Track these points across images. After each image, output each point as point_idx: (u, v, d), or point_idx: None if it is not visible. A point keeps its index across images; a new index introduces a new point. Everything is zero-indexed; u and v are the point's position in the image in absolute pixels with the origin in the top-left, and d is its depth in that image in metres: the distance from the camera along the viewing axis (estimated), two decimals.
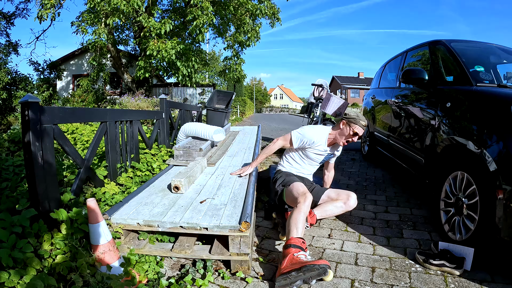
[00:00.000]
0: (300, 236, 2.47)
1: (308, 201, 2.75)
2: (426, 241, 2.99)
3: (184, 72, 13.90)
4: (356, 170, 5.90)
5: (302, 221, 2.59)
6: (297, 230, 2.50)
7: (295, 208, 2.71)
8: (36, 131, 2.19)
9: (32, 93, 17.78)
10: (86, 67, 20.52)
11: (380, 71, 6.52)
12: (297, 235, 2.47)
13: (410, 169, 4.03)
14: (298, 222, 2.56)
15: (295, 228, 2.52)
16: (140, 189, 3.20)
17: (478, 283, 2.31)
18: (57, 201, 2.38)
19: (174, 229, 2.47)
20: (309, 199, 2.77)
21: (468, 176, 2.63)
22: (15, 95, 17.50)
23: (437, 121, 3.22)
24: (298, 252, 2.32)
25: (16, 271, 1.74)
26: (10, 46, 19.03)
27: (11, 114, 17.53)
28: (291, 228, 2.54)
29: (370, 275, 2.45)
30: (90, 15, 13.28)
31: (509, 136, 2.23)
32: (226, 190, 3.24)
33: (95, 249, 2.10)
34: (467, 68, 3.22)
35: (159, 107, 5.36)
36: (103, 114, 3.20)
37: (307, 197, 2.78)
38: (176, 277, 2.37)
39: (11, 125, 16.16)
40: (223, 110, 7.31)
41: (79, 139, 5.49)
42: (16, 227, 1.99)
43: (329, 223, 3.41)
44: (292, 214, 2.65)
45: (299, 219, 2.58)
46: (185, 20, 14.30)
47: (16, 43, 19.34)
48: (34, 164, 2.17)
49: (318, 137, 3.31)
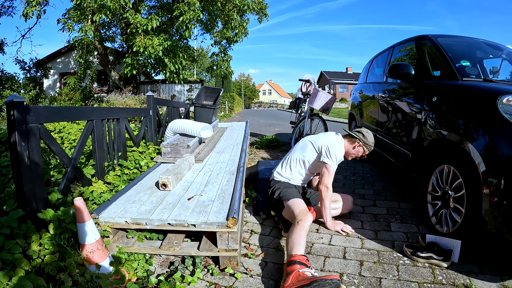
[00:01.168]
0: (303, 254, 2.37)
1: (309, 221, 2.66)
2: (413, 234, 3.02)
3: (172, 69, 13.81)
4: (344, 164, 5.92)
5: (304, 238, 2.49)
6: (300, 247, 2.40)
7: (297, 225, 2.60)
8: (22, 131, 2.17)
9: (18, 92, 17.61)
10: (73, 64, 20.30)
11: (368, 66, 6.55)
12: (301, 252, 2.36)
13: (397, 163, 4.07)
14: (301, 239, 2.46)
15: (298, 245, 2.42)
16: (128, 187, 3.19)
17: (465, 274, 2.35)
18: (44, 201, 2.36)
19: (162, 226, 2.47)
20: (310, 218, 2.69)
21: (455, 170, 2.67)
22: (1, 94, 17.25)
23: (423, 115, 3.25)
24: (303, 269, 2.19)
25: (5, 272, 1.73)
26: None
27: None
28: (294, 245, 2.43)
29: (359, 268, 2.48)
30: (77, 12, 13.12)
31: (495, 130, 2.26)
32: (213, 187, 3.25)
33: (83, 249, 2.10)
34: (453, 63, 3.25)
35: (146, 105, 5.34)
36: (89, 113, 3.18)
37: (309, 216, 2.69)
38: (166, 275, 2.37)
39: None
40: (211, 106, 7.28)
41: (66, 137, 5.44)
42: (4, 228, 1.97)
43: (317, 219, 3.42)
44: (294, 231, 2.55)
45: (301, 236, 2.49)
46: (172, 16, 14.19)
47: (1, 42, 19.02)
48: (20, 164, 2.16)
49: (341, 154, 3.26)
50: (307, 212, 2.76)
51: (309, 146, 3.26)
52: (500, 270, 2.37)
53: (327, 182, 3.04)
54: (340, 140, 3.29)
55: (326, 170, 3.07)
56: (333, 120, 17.78)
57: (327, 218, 3.13)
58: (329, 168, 3.07)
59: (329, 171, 3.07)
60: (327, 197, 3.05)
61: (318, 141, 3.23)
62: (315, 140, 3.27)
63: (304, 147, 3.30)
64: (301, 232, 2.52)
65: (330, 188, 3.06)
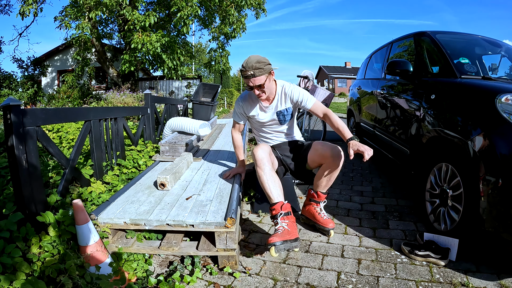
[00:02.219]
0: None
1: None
2: (411, 232, 3.03)
3: (170, 65, 13.82)
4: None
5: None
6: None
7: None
8: (19, 134, 2.17)
9: (16, 91, 17.59)
10: (70, 62, 20.28)
11: (366, 62, 6.55)
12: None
13: (396, 160, 4.07)
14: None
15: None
16: (127, 187, 3.19)
17: (463, 273, 2.36)
18: (43, 203, 2.36)
19: (160, 227, 2.47)
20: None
21: (453, 168, 2.67)
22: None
23: (422, 112, 3.25)
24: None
25: (6, 276, 1.73)
26: None
27: None
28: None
29: (356, 267, 2.49)
30: (73, 9, 13.11)
31: (493, 128, 2.26)
32: (212, 186, 3.25)
33: (83, 250, 2.10)
34: (451, 60, 3.25)
35: (144, 103, 5.33)
36: (87, 113, 3.17)
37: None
38: (165, 274, 2.38)
39: None
40: (209, 103, 7.29)
41: (65, 137, 5.43)
42: (3, 231, 1.97)
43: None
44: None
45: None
46: (169, 12, 14.19)
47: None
48: (18, 168, 2.15)
49: (243, 104, 3.15)
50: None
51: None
52: (497, 269, 2.38)
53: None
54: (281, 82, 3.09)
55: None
56: None
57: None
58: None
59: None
60: (233, 142, 3.37)
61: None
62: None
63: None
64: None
65: (233, 135, 3.39)
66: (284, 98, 3.04)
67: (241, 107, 3.18)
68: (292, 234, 2.43)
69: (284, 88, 3.03)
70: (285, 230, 2.45)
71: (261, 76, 2.75)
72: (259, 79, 2.76)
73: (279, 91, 3.03)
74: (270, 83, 2.89)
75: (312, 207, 3.09)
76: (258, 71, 2.72)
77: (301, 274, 2.39)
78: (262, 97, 2.91)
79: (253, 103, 3.12)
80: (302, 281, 2.31)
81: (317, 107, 2.97)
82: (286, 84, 3.06)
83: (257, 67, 2.71)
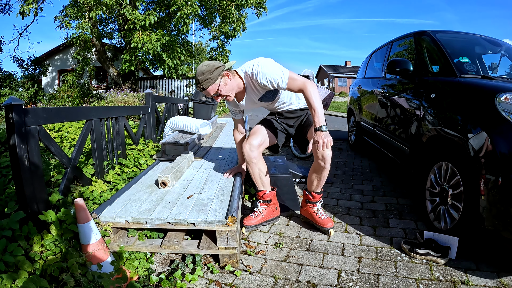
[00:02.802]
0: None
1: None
2: (412, 230, 3.04)
3: (170, 65, 13.85)
4: (343, 160, 5.95)
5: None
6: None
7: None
8: (21, 133, 2.18)
9: (17, 90, 17.61)
10: (71, 61, 20.28)
11: (366, 61, 6.55)
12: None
13: (396, 159, 4.08)
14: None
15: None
16: (128, 186, 3.21)
17: (463, 271, 2.37)
18: (45, 202, 2.38)
19: (162, 225, 2.49)
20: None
21: (453, 167, 2.68)
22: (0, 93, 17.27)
23: (422, 111, 3.26)
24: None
25: (9, 275, 1.74)
26: None
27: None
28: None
29: (357, 265, 2.50)
30: (74, 9, 13.14)
31: (492, 127, 2.27)
32: (213, 185, 3.26)
33: (85, 249, 2.11)
34: (451, 59, 3.26)
35: (145, 102, 5.35)
36: (88, 113, 3.19)
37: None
38: (166, 273, 2.39)
39: None
40: (210, 102, 7.29)
41: (66, 136, 5.45)
42: (5, 230, 1.98)
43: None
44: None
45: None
46: (170, 11, 14.21)
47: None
48: (20, 167, 2.16)
49: (227, 103, 3.13)
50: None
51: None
52: (497, 267, 2.39)
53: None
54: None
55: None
56: (332, 114, 17.75)
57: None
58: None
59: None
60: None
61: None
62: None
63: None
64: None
65: (234, 133, 3.42)
66: (256, 87, 2.79)
67: (230, 106, 3.19)
68: (265, 218, 3.13)
69: (251, 77, 2.72)
70: (259, 215, 3.09)
71: (212, 85, 2.61)
72: (212, 89, 2.64)
73: (247, 83, 2.79)
74: (229, 84, 2.69)
75: (309, 208, 3.10)
76: (206, 82, 2.60)
77: (302, 272, 2.40)
78: (229, 98, 2.76)
79: (233, 100, 2.99)
80: (303, 279, 2.32)
81: (291, 85, 2.62)
82: (249, 68, 2.70)
83: (203, 79, 2.59)
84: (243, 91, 2.86)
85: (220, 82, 2.63)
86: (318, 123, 2.50)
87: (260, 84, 2.68)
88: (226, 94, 2.69)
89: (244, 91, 2.86)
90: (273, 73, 2.60)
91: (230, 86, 2.70)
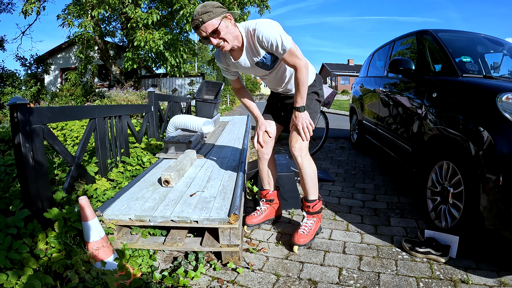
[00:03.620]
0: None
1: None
2: (413, 229, 3.06)
3: (173, 63, 13.83)
4: (345, 158, 5.97)
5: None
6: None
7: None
8: (26, 132, 2.21)
9: (19, 89, 17.68)
10: (73, 60, 20.31)
11: (369, 60, 6.57)
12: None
13: (397, 158, 4.10)
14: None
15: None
16: (131, 184, 3.23)
17: (463, 270, 2.38)
18: (49, 200, 2.41)
19: (165, 223, 2.50)
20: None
21: (454, 166, 2.70)
22: (2, 91, 17.36)
23: (423, 110, 3.27)
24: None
25: (14, 272, 1.76)
26: None
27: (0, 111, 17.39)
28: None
29: (358, 263, 2.52)
30: (76, 7, 13.13)
31: (494, 127, 2.28)
32: (215, 183, 3.28)
33: (89, 246, 2.14)
34: (453, 59, 3.27)
35: (148, 100, 5.37)
36: (92, 111, 3.21)
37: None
38: (169, 270, 2.42)
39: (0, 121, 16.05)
40: (212, 101, 7.30)
41: (69, 135, 5.48)
42: (11, 228, 2.02)
43: None
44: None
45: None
46: (172, 10, 14.17)
47: (1, 39, 19.17)
48: (25, 165, 2.19)
49: (219, 61, 2.69)
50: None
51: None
52: (497, 266, 2.41)
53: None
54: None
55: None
56: (335, 112, 17.77)
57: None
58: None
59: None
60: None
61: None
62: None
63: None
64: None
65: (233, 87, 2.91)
66: (256, 47, 2.44)
67: (219, 62, 2.71)
68: (267, 217, 3.15)
69: (251, 32, 2.38)
70: (261, 214, 3.12)
71: (213, 20, 2.22)
72: (210, 24, 2.22)
73: (246, 41, 2.44)
74: (230, 28, 2.31)
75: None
76: (207, 15, 2.20)
77: (303, 270, 2.43)
78: (226, 47, 2.34)
79: (227, 57, 2.62)
80: (304, 276, 2.35)
81: (290, 56, 2.39)
82: (251, 24, 2.39)
83: (204, 11, 2.21)
84: (240, 48, 2.48)
85: (221, 21, 2.24)
86: (300, 103, 2.47)
87: (261, 41, 2.35)
88: (224, 37, 2.29)
89: (242, 49, 2.48)
90: (276, 34, 2.30)
91: (230, 31, 2.32)
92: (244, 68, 2.62)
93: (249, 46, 2.45)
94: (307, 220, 2.81)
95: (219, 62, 2.71)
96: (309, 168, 2.71)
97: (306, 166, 2.69)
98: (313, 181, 2.74)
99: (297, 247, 2.70)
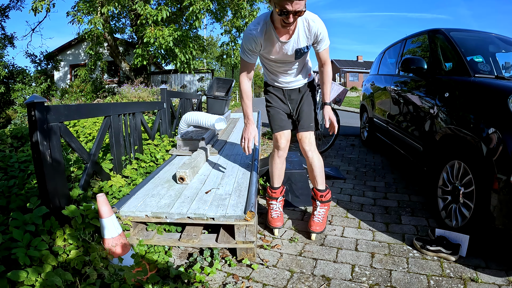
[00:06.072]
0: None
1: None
2: (423, 227, 3.08)
3: (182, 59, 13.88)
4: (355, 156, 5.98)
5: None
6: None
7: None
8: (43, 130, 2.26)
9: (30, 85, 17.84)
10: (83, 56, 20.42)
11: (380, 58, 6.55)
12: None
13: (408, 156, 4.11)
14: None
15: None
16: (146, 181, 3.28)
17: (473, 268, 2.41)
18: (66, 197, 2.46)
19: (182, 220, 2.56)
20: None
21: (465, 165, 2.71)
22: (13, 88, 17.53)
23: (435, 110, 3.28)
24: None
25: (34, 269, 1.79)
26: (5, 39, 19.04)
27: (10, 107, 17.59)
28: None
29: (370, 260, 2.55)
30: (86, 4, 13.21)
31: (505, 128, 2.29)
32: (229, 180, 3.33)
33: (106, 242, 2.19)
34: (465, 58, 3.26)
35: (160, 97, 5.42)
36: (107, 109, 3.26)
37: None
38: (185, 266, 2.46)
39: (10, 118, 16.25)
40: (223, 97, 7.34)
41: (82, 131, 5.55)
42: (29, 225, 2.05)
43: (330, 210, 3.48)
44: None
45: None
46: (181, 6, 14.23)
47: (11, 36, 19.32)
48: (43, 163, 2.24)
49: (259, 37, 2.53)
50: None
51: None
52: (506, 265, 2.43)
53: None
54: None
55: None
56: (344, 109, 17.72)
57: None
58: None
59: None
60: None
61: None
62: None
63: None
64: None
65: (241, 80, 2.85)
66: (306, 34, 2.52)
67: (253, 41, 2.55)
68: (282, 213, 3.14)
69: (307, 21, 2.46)
70: (280, 213, 3.09)
71: (304, 1, 2.20)
72: (301, 4, 2.17)
73: (300, 24, 2.47)
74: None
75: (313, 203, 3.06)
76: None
77: (316, 267, 2.47)
78: (291, 27, 2.38)
79: (271, 35, 2.52)
80: (317, 273, 2.39)
81: (325, 53, 2.68)
82: (309, 16, 2.46)
83: None
84: (289, 33, 2.51)
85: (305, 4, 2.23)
86: (328, 98, 2.91)
87: (314, 32, 2.48)
88: (298, 20, 2.41)
89: (291, 34, 2.50)
90: (326, 31, 2.54)
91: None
92: (281, 51, 2.60)
93: (301, 32, 2.50)
94: (320, 209, 2.99)
95: (250, 42, 2.56)
96: (319, 161, 2.95)
97: (316, 159, 2.93)
98: (322, 172, 2.97)
99: (314, 235, 2.93)
